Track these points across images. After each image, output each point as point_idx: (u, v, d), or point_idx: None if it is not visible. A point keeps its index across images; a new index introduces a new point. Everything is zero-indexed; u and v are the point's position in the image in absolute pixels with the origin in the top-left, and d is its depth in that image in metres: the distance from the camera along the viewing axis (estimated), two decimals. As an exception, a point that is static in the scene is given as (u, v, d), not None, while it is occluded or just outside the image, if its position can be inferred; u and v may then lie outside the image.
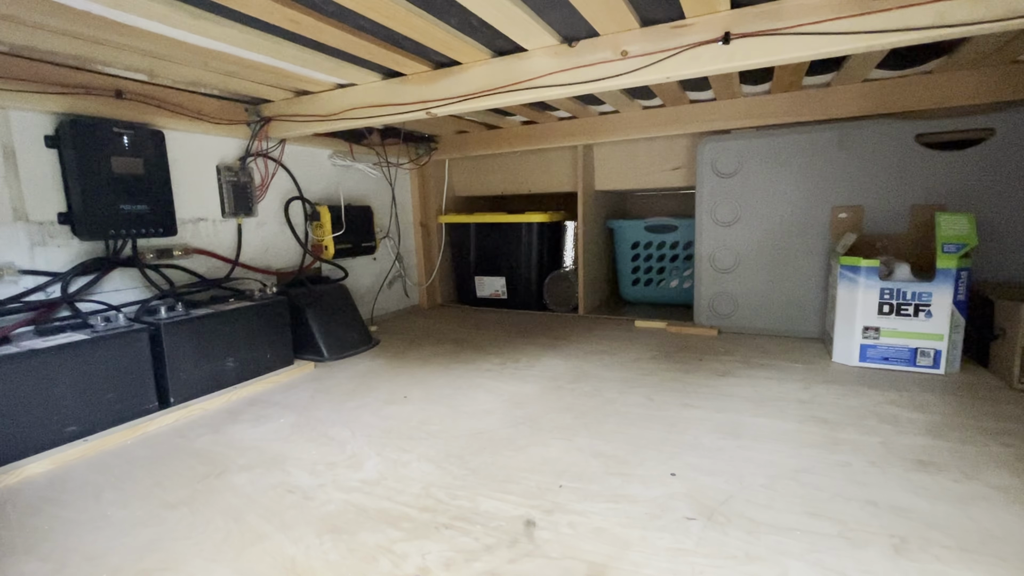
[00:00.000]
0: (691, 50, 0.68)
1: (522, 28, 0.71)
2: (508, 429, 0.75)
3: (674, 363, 1.03)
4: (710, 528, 0.50)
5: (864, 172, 1.09)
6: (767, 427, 0.72)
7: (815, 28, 0.62)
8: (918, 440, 0.67)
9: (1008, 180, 0.98)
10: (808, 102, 1.13)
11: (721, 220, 1.23)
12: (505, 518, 0.53)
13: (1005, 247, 1.00)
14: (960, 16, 0.55)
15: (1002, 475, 0.58)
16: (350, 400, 0.89)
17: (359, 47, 0.77)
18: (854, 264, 0.95)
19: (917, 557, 0.45)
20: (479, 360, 1.09)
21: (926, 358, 0.92)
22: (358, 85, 0.96)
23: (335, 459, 0.68)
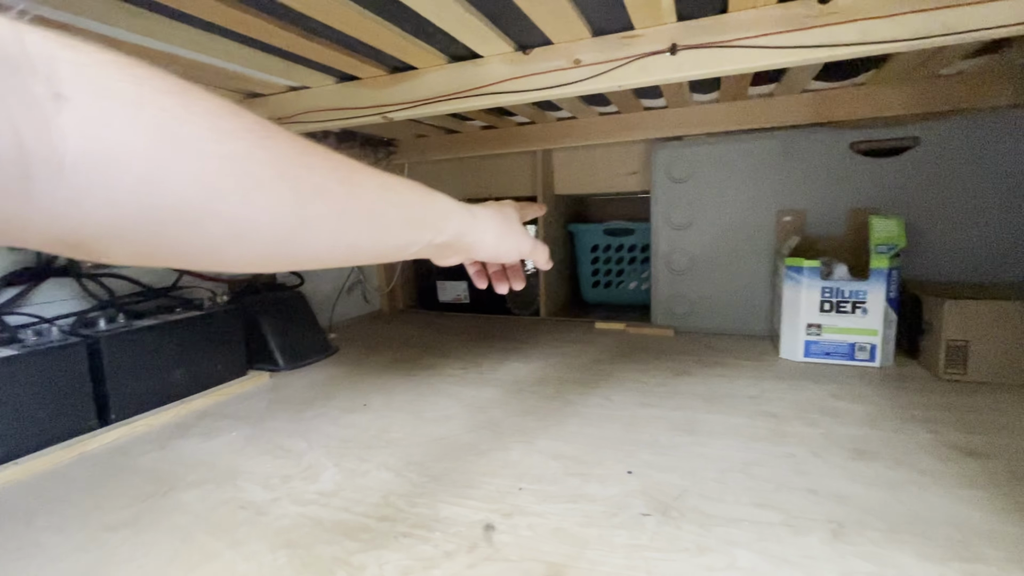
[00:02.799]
0: (641, 60, 0.70)
1: (477, 35, 0.72)
2: (470, 434, 0.75)
3: (633, 363, 1.05)
4: (664, 523, 0.52)
5: (806, 178, 1.15)
6: (720, 423, 0.75)
7: (755, 42, 0.65)
8: (856, 430, 0.71)
9: (931, 185, 1.06)
10: (753, 111, 1.19)
11: (675, 224, 1.28)
12: (465, 523, 0.53)
13: (930, 247, 1.07)
14: (881, 34, 0.60)
15: (929, 460, 0.62)
16: (307, 410, 0.87)
17: (311, 50, 0.76)
18: (797, 265, 1.00)
19: (853, 540, 0.48)
20: (441, 365, 1.09)
21: (863, 352, 0.98)
22: (311, 88, 0.94)
23: (290, 471, 0.66)
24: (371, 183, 0.30)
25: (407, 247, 0.35)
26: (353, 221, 0.29)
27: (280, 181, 0.24)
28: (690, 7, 0.66)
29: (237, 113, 0.23)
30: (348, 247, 0.30)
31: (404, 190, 0.34)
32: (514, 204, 0.50)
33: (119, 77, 0.18)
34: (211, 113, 0.21)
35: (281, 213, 0.24)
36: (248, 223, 0.23)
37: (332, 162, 0.28)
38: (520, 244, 0.46)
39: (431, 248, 0.38)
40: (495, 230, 0.44)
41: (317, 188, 0.26)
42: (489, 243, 0.43)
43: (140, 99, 0.19)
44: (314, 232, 0.27)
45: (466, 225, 0.41)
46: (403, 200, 0.34)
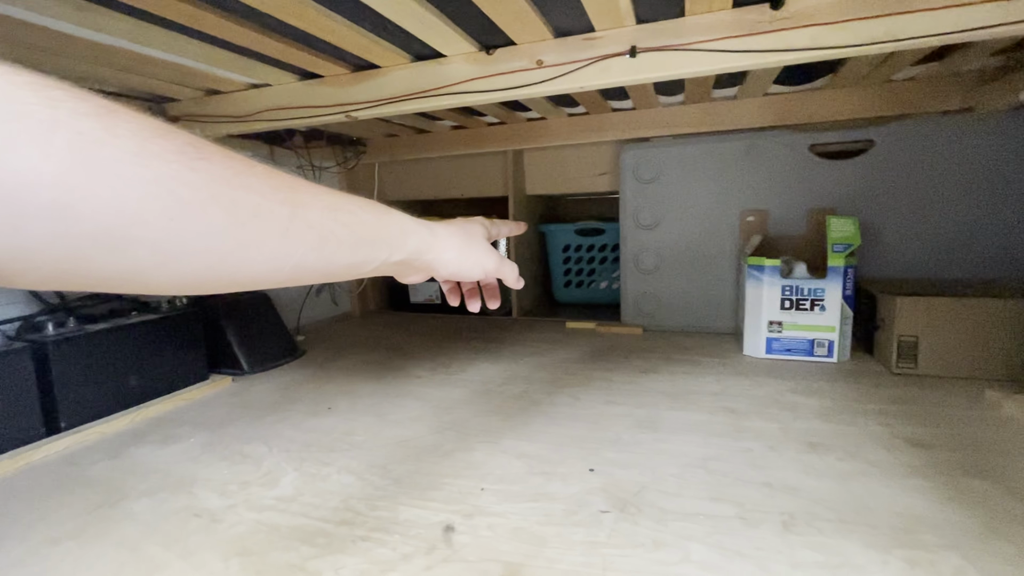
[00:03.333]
0: (602, 62, 0.71)
1: (439, 34, 0.71)
2: (434, 435, 0.74)
3: (601, 362, 1.06)
4: (622, 519, 0.53)
5: (768, 179, 1.18)
6: (682, 419, 0.76)
7: (711, 46, 0.66)
8: (811, 424, 0.73)
9: (885, 186, 1.10)
10: (718, 113, 1.21)
11: (643, 223, 1.29)
12: (425, 525, 0.53)
13: (884, 246, 1.11)
14: (831, 40, 0.61)
15: (878, 452, 0.65)
16: (270, 414, 0.85)
17: (270, 47, 0.74)
18: (759, 264, 1.02)
19: (802, 531, 0.50)
20: (410, 367, 1.08)
21: (822, 348, 1.01)
22: (272, 85, 0.92)
23: (249, 477, 0.64)
24: (318, 203, 0.30)
25: (361, 265, 0.35)
26: (298, 242, 0.28)
27: (213, 203, 0.23)
28: (648, 10, 0.67)
29: (167, 134, 0.22)
30: (295, 268, 0.29)
31: (356, 209, 0.34)
32: (484, 221, 0.49)
33: (31, 100, 0.18)
34: (136, 135, 0.21)
35: (215, 236, 0.24)
36: (177, 247, 0.23)
37: (274, 182, 0.27)
38: (484, 262, 0.46)
39: (388, 266, 0.38)
40: (456, 247, 0.43)
41: (256, 209, 0.26)
42: (450, 261, 0.43)
43: (54, 121, 0.18)
44: (253, 254, 0.26)
45: (424, 243, 0.40)
46: (355, 219, 0.33)
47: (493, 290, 0.56)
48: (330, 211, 0.31)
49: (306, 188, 0.30)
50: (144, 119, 0.21)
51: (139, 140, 0.21)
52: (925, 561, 0.45)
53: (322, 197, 0.30)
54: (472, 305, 0.56)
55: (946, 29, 0.57)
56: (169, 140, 0.22)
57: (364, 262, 0.35)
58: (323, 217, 0.30)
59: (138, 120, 0.21)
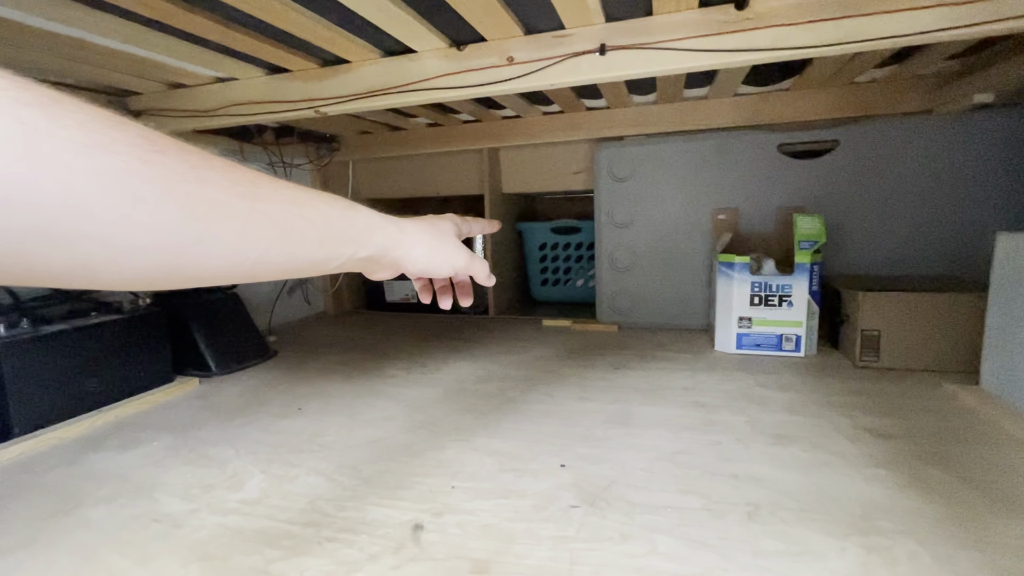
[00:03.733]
0: (572, 59, 0.71)
1: (408, 29, 0.70)
2: (406, 434, 0.74)
3: (576, 359, 1.07)
4: (591, 514, 0.53)
5: (738, 177, 1.20)
6: (653, 414, 0.77)
7: (679, 44, 0.67)
8: (778, 417, 0.75)
9: (849, 185, 1.13)
10: (690, 113, 1.23)
11: (618, 222, 1.30)
12: (393, 525, 0.52)
13: (849, 243, 1.15)
14: (793, 41, 0.63)
15: (841, 442, 0.66)
16: (238, 416, 0.83)
17: (235, 40, 0.72)
18: (729, 261, 1.04)
19: (766, 521, 0.51)
20: (384, 367, 1.06)
21: (790, 343, 1.03)
22: (239, 80, 0.90)
23: (213, 481, 0.63)
24: (280, 197, 0.29)
25: (326, 262, 0.35)
26: (258, 237, 0.28)
27: (167, 197, 0.23)
28: (617, 8, 0.67)
29: (118, 126, 0.21)
30: (256, 263, 0.29)
31: (320, 204, 0.33)
32: (455, 218, 0.49)
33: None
34: (84, 126, 0.20)
35: (169, 231, 0.23)
36: (128, 242, 0.22)
37: (233, 175, 0.27)
38: (453, 259, 0.45)
39: (355, 262, 0.38)
40: (425, 244, 0.43)
41: (213, 204, 0.25)
42: (419, 257, 0.42)
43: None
44: (210, 249, 0.26)
45: (392, 239, 0.40)
46: (318, 214, 0.33)
47: (466, 288, 0.56)
48: (292, 206, 0.30)
49: (267, 182, 0.29)
50: (94, 110, 0.21)
51: (87, 131, 0.20)
52: (881, 547, 0.46)
53: (284, 192, 0.30)
54: (444, 302, 0.55)
55: (899, 32, 0.58)
56: (121, 132, 0.21)
57: (329, 258, 0.35)
58: (285, 212, 0.30)
59: (86, 111, 0.20)
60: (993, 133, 1.03)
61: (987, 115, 1.03)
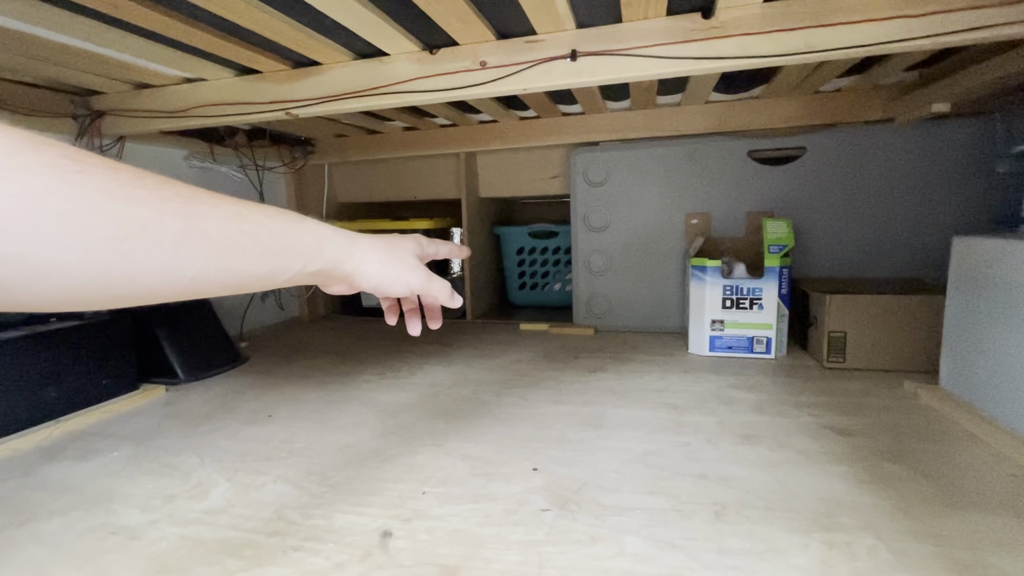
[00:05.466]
0: (543, 64, 0.72)
1: (379, 32, 0.70)
2: (378, 440, 0.73)
3: (551, 363, 1.07)
4: (562, 516, 0.53)
5: (710, 183, 1.22)
6: (626, 416, 0.78)
7: (648, 52, 0.68)
8: (747, 417, 0.76)
9: (816, 191, 1.16)
10: (663, 119, 1.25)
11: (594, 226, 1.32)
12: (361, 532, 0.52)
13: (816, 247, 1.18)
14: (757, 49, 0.64)
15: (806, 441, 0.68)
16: (205, 424, 0.81)
17: (201, 40, 0.71)
18: (702, 264, 1.06)
19: (732, 520, 0.51)
20: (357, 372, 1.05)
21: (760, 345, 1.05)
22: (208, 80, 0.88)
23: (176, 491, 0.61)
24: (217, 213, 0.29)
25: (273, 276, 0.34)
26: (194, 255, 0.28)
27: (90, 217, 0.23)
28: (587, 15, 0.68)
29: (39, 147, 0.21)
30: (194, 279, 0.28)
31: (263, 219, 0.33)
32: (419, 238, 0.49)
33: None
34: (1, 149, 0.20)
35: (93, 251, 0.23)
36: (48, 263, 0.22)
37: (165, 192, 0.26)
38: (408, 278, 0.45)
39: (305, 276, 0.37)
40: (378, 260, 0.43)
41: (143, 223, 0.25)
42: (372, 273, 0.42)
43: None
44: (141, 268, 0.25)
45: (344, 252, 0.40)
46: (262, 229, 0.32)
47: (434, 312, 0.56)
48: (233, 221, 0.30)
49: (205, 198, 0.29)
50: (11, 132, 0.21)
51: (4, 154, 0.20)
52: (842, 543, 0.47)
53: (223, 207, 0.30)
54: (411, 327, 0.56)
55: (858, 42, 0.61)
56: (40, 153, 0.21)
57: (275, 272, 0.34)
58: (224, 228, 0.30)
59: (5, 133, 0.21)
60: (950, 141, 1.08)
61: (944, 124, 1.07)
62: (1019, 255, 0.65)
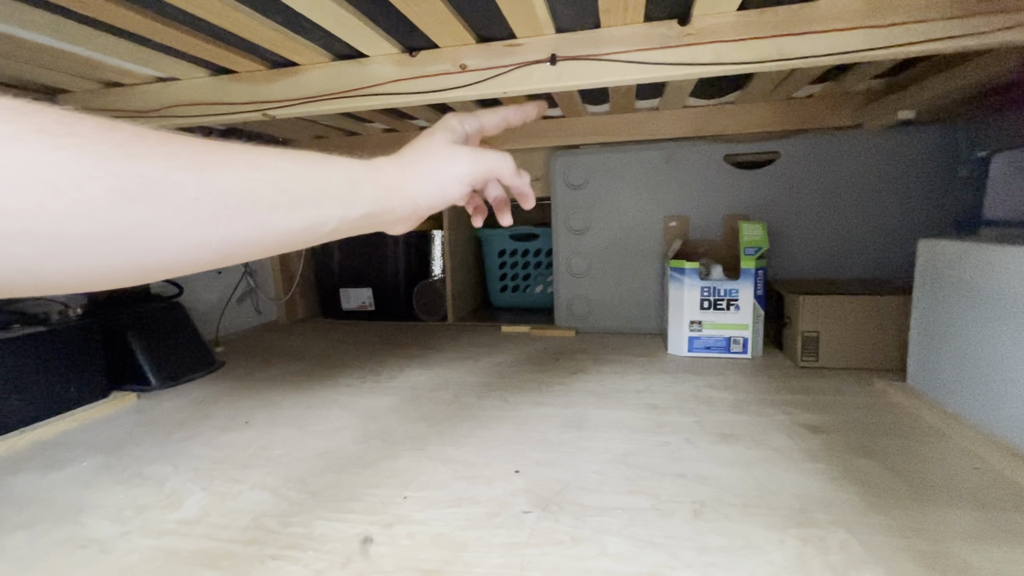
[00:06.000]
0: (523, 68, 0.72)
1: (358, 33, 0.70)
2: (358, 445, 0.72)
3: (533, 365, 1.07)
4: (544, 518, 0.53)
5: (687, 186, 1.24)
6: (607, 417, 0.79)
7: (626, 57, 0.69)
8: (725, 416, 0.78)
9: (789, 195, 1.19)
10: (642, 123, 1.27)
11: (574, 228, 1.32)
12: (341, 539, 0.51)
13: (790, 249, 1.21)
14: (732, 56, 0.66)
15: (782, 439, 0.70)
16: (179, 431, 0.79)
17: (175, 39, 0.70)
18: (680, 266, 1.08)
19: (710, 518, 0.52)
20: (338, 376, 1.04)
21: (737, 345, 1.07)
22: (181, 80, 0.86)
23: (148, 501, 0.59)
24: (233, 164, 0.27)
25: (313, 229, 0.31)
26: (216, 212, 0.25)
27: (89, 182, 0.21)
28: (567, 20, 0.69)
29: (25, 115, 0.20)
30: (223, 243, 0.26)
31: (286, 164, 0.29)
32: (450, 121, 0.42)
33: None
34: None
35: (99, 219, 0.22)
36: (56, 237, 0.21)
37: (170, 148, 0.24)
38: (460, 173, 0.38)
39: (352, 224, 0.33)
40: (420, 177, 0.37)
41: (149, 181, 0.23)
42: (420, 195, 0.36)
43: None
44: (160, 234, 0.24)
45: (382, 188, 0.35)
46: (287, 176, 0.29)
47: (502, 203, 0.51)
48: (251, 171, 0.27)
49: (216, 149, 0.26)
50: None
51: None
52: (816, 538, 0.49)
53: (237, 157, 0.27)
54: (502, 217, 0.51)
55: (825, 51, 0.62)
56: (28, 120, 0.20)
57: (314, 224, 0.30)
58: (242, 179, 0.27)
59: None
60: (915, 147, 1.12)
61: (910, 130, 1.11)
62: (979, 257, 0.68)
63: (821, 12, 0.63)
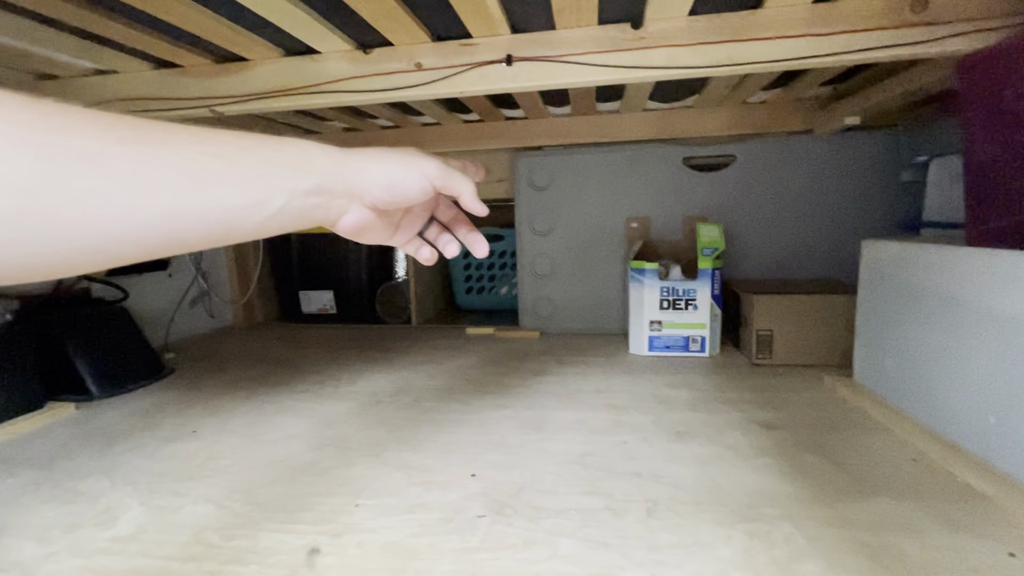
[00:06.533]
0: (479, 68, 0.72)
1: (309, 29, 0.68)
2: (312, 453, 0.70)
3: (497, 367, 1.07)
4: (497, 522, 0.53)
5: (648, 188, 1.26)
6: (567, 418, 0.79)
7: (581, 59, 0.70)
8: (681, 415, 0.79)
9: (745, 197, 1.22)
10: (604, 125, 1.28)
11: (538, 230, 1.33)
12: (287, 551, 0.49)
13: (746, 250, 1.24)
14: (684, 61, 0.67)
15: (735, 436, 0.71)
16: (120, 443, 0.75)
17: (108, 28, 0.66)
18: (640, 267, 1.09)
19: (663, 516, 0.53)
20: (294, 382, 1.01)
21: (696, 344, 1.09)
22: (121, 73, 0.82)
23: (80, 518, 0.56)
24: (176, 137, 0.25)
25: (263, 203, 0.29)
26: (156, 185, 0.24)
27: (14, 152, 0.20)
28: (522, 20, 0.69)
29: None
30: (166, 218, 0.24)
31: (230, 138, 0.28)
32: None
33: None
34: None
35: (28, 193, 0.20)
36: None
37: (105, 120, 0.23)
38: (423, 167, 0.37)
39: (302, 199, 0.31)
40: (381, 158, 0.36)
41: (83, 152, 0.21)
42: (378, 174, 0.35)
43: None
44: (95, 208, 0.22)
45: (335, 160, 0.33)
46: (232, 148, 0.28)
47: (461, 221, 0.47)
48: (194, 143, 0.26)
49: (154, 124, 0.25)
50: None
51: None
52: (762, 532, 0.50)
53: (179, 131, 0.26)
54: (448, 248, 0.47)
55: (772, 57, 0.64)
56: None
57: (264, 198, 0.29)
58: (184, 150, 0.25)
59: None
60: (861, 152, 1.16)
61: (857, 136, 1.16)
62: (916, 257, 0.71)
63: (768, 19, 0.65)
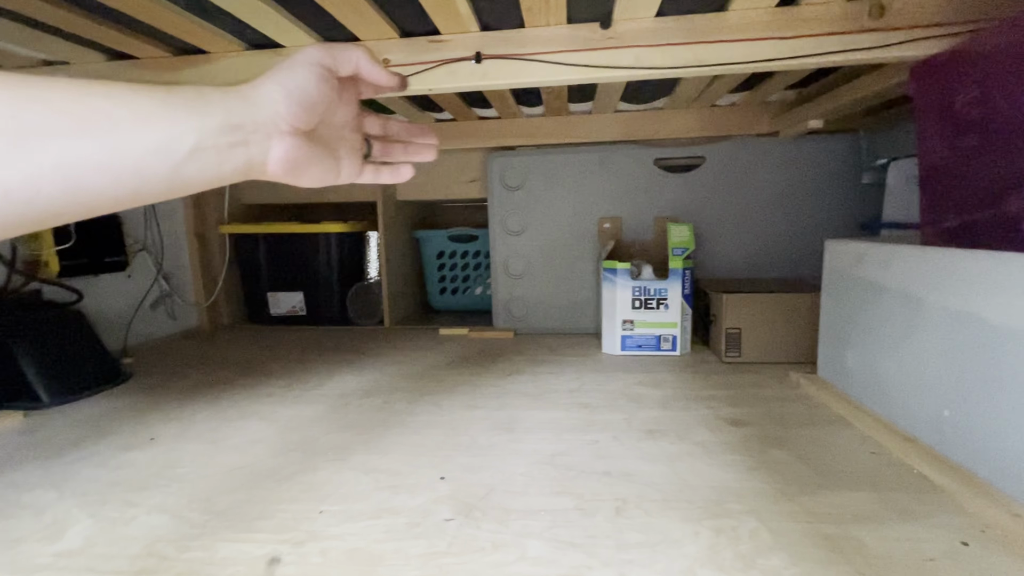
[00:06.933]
0: (448, 65, 0.71)
1: (271, 22, 0.66)
2: (276, 458, 0.68)
3: (469, 367, 1.06)
4: (466, 525, 0.52)
5: (620, 188, 1.27)
6: (538, 418, 0.78)
7: (550, 58, 0.69)
8: (652, 413, 0.79)
9: (714, 198, 1.25)
10: (576, 126, 1.28)
11: (511, 230, 1.32)
12: (246, 561, 0.47)
13: (715, 249, 1.26)
14: (651, 61, 0.68)
15: (704, 433, 0.72)
16: (71, 452, 0.71)
17: (57, 17, 0.63)
18: (612, 267, 1.10)
19: (631, 514, 0.53)
20: (260, 385, 0.98)
21: (667, 343, 1.10)
22: (72, 64, 0.78)
23: (23, 532, 0.53)
24: (61, 84, 0.24)
25: (171, 145, 0.27)
26: (44, 131, 0.23)
27: None
28: (491, 18, 0.68)
29: None
30: (62, 169, 0.23)
31: (123, 84, 0.27)
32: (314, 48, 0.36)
33: None
34: None
35: None
36: None
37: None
38: (306, 57, 0.34)
39: (212, 139, 0.29)
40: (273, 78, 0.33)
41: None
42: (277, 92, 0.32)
43: None
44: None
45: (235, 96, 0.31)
46: (124, 90, 0.26)
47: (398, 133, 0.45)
48: (83, 89, 0.25)
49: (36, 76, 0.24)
50: None
51: None
52: (728, 528, 0.50)
53: (64, 80, 0.25)
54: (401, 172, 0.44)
55: (736, 59, 0.65)
56: None
57: (171, 137, 0.27)
58: (72, 96, 0.24)
59: None
60: (825, 154, 1.20)
61: (820, 139, 1.19)
62: (877, 257, 0.73)
63: (732, 22, 0.66)
